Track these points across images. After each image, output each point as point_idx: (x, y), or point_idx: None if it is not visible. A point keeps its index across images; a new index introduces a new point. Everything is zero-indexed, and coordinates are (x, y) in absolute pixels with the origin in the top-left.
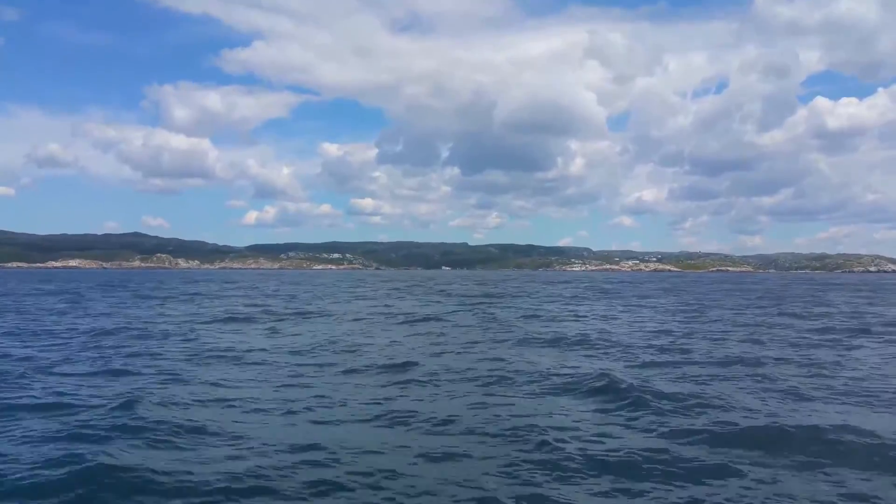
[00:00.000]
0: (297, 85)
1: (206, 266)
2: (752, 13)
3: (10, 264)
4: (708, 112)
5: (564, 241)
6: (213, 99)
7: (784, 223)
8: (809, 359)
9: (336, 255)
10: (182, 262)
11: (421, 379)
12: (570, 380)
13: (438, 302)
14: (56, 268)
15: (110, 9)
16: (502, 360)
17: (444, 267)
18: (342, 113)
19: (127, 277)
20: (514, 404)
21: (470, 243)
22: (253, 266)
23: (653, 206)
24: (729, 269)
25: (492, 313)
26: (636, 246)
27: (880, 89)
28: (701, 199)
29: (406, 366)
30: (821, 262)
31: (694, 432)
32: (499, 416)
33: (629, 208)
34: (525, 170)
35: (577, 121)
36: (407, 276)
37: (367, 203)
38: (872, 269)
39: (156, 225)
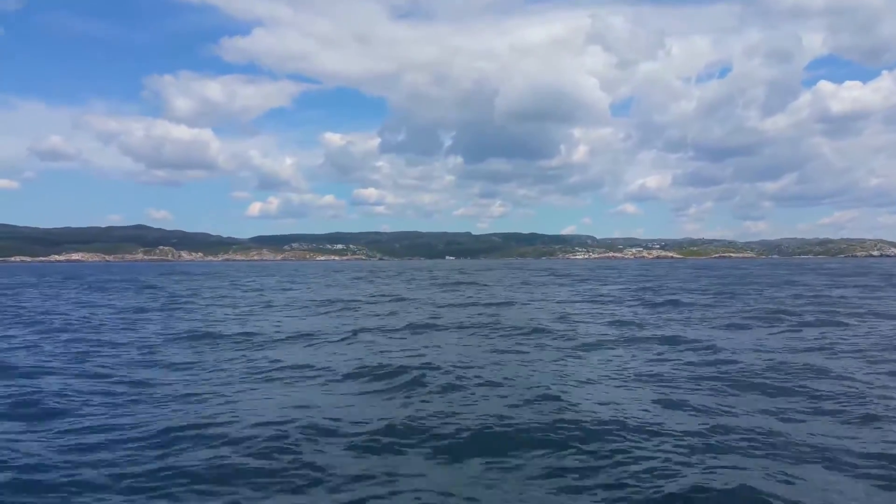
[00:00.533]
0: (298, 73)
1: (210, 258)
2: None
3: (13, 258)
4: (711, 97)
5: (568, 230)
6: (213, 88)
7: (788, 208)
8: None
9: (339, 246)
10: (185, 255)
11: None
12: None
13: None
14: (59, 261)
15: None
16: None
17: (447, 256)
18: (344, 102)
19: (109, 269)
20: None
21: (473, 232)
22: (256, 258)
23: (656, 193)
24: (731, 255)
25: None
26: (640, 233)
27: (884, 72)
28: (705, 186)
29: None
30: (824, 246)
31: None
32: None
33: (633, 195)
34: (528, 158)
35: (579, 107)
36: (398, 265)
37: (371, 193)
38: (875, 253)
39: (160, 217)
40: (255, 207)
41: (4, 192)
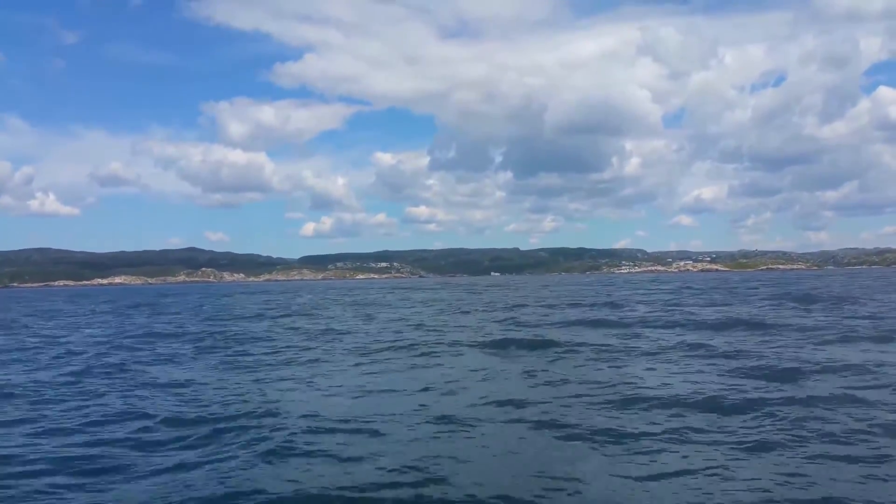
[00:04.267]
0: (349, 96)
1: (252, 279)
2: (808, 1)
3: (56, 283)
4: (767, 106)
5: (623, 243)
6: (267, 113)
7: (849, 217)
8: None
9: (383, 264)
10: (227, 276)
11: None
12: None
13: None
14: (102, 285)
15: (165, 28)
16: None
17: (492, 273)
18: (394, 122)
19: (129, 294)
20: None
21: (523, 248)
22: (297, 278)
23: (712, 204)
24: (780, 267)
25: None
26: (697, 245)
27: None
28: (763, 196)
29: None
30: (880, 257)
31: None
32: None
33: (688, 207)
34: (579, 171)
35: (631, 120)
36: (417, 282)
37: (422, 211)
38: None
39: (216, 239)
40: (309, 227)
41: (67, 218)
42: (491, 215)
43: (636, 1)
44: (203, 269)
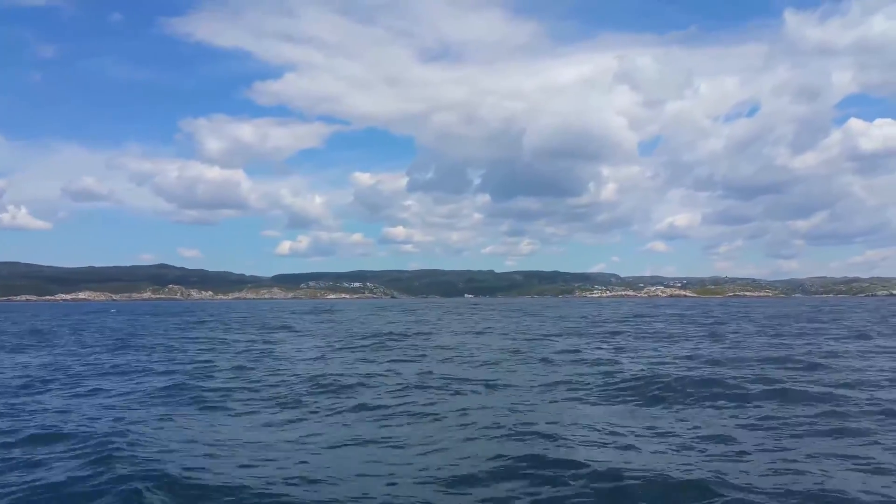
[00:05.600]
0: (329, 115)
1: (220, 297)
2: (782, 35)
3: (19, 297)
4: (740, 135)
5: (598, 268)
6: (246, 130)
7: (819, 247)
8: None
9: (356, 284)
10: (195, 294)
11: None
12: None
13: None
14: (65, 300)
15: (145, 44)
16: None
17: (466, 294)
18: (374, 142)
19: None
20: None
21: (498, 270)
22: (266, 296)
23: (686, 231)
24: (747, 294)
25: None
26: (671, 271)
27: None
28: (735, 224)
29: None
30: (847, 286)
31: None
32: None
33: (662, 233)
34: (556, 196)
35: (607, 146)
36: (386, 304)
37: (399, 231)
38: None
39: (190, 256)
40: (285, 246)
41: (38, 232)
42: (468, 237)
43: (614, 30)
44: (170, 286)
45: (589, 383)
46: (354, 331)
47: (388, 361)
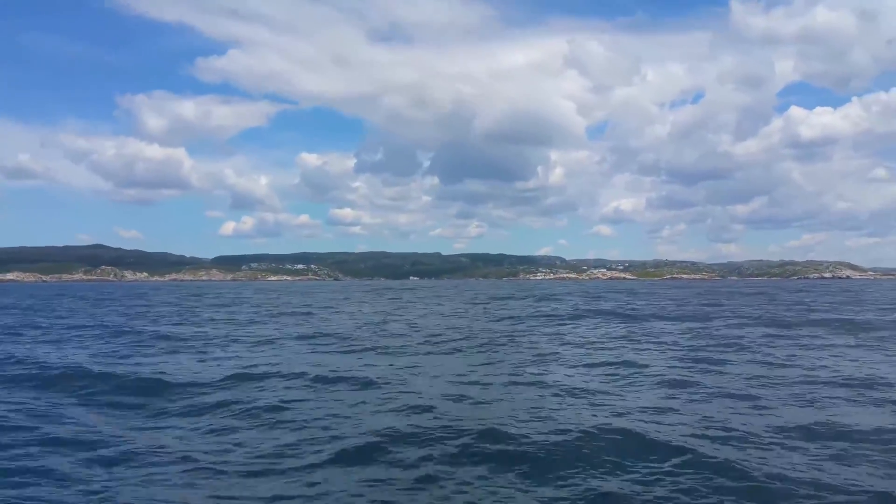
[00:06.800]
0: (275, 94)
1: (156, 278)
2: (728, 23)
3: None
4: (685, 122)
5: (544, 251)
6: (187, 108)
7: (758, 231)
8: None
9: (300, 266)
10: (129, 275)
11: None
12: None
13: None
14: None
15: (82, 17)
16: None
17: (412, 277)
18: (321, 123)
19: None
20: None
21: (445, 253)
22: (205, 278)
23: (631, 216)
24: (684, 276)
25: None
26: (615, 254)
27: (854, 98)
28: (678, 208)
29: None
30: (782, 268)
31: None
32: None
33: (608, 218)
34: (505, 179)
35: (556, 130)
36: (317, 286)
37: (347, 213)
38: (827, 275)
39: (129, 237)
40: (228, 227)
41: None
42: (416, 220)
43: (564, 15)
44: (103, 267)
45: None
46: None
47: None
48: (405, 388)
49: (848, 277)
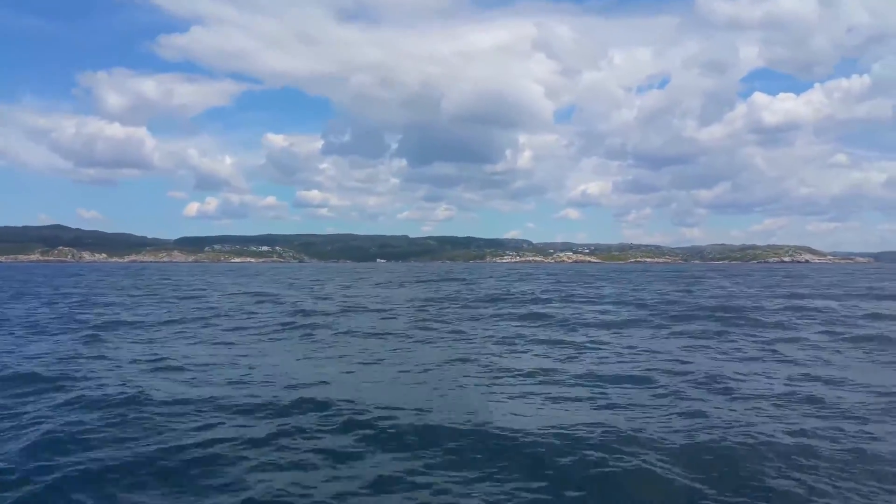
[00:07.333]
0: (240, 73)
1: (115, 260)
2: (694, 8)
3: None
4: (651, 107)
5: (512, 234)
6: (149, 86)
7: (721, 215)
8: None
9: (265, 248)
10: (87, 256)
11: None
12: None
13: None
14: None
15: None
16: None
17: (378, 260)
18: (287, 102)
19: None
20: None
21: (413, 235)
22: (166, 259)
23: (598, 199)
24: (647, 260)
25: None
26: (582, 238)
27: (816, 85)
28: (644, 193)
29: None
30: (742, 252)
31: None
32: None
33: (575, 201)
34: (474, 162)
35: (524, 113)
36: (274, 269)
37: (314, 195)
38: (787, 259)
39: (89, 217)
40: (192, 208)
41: None
42: (384, 202)
43: None
44: (61, 248)
45: None
46: None
47: None
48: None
49: (807, 262)
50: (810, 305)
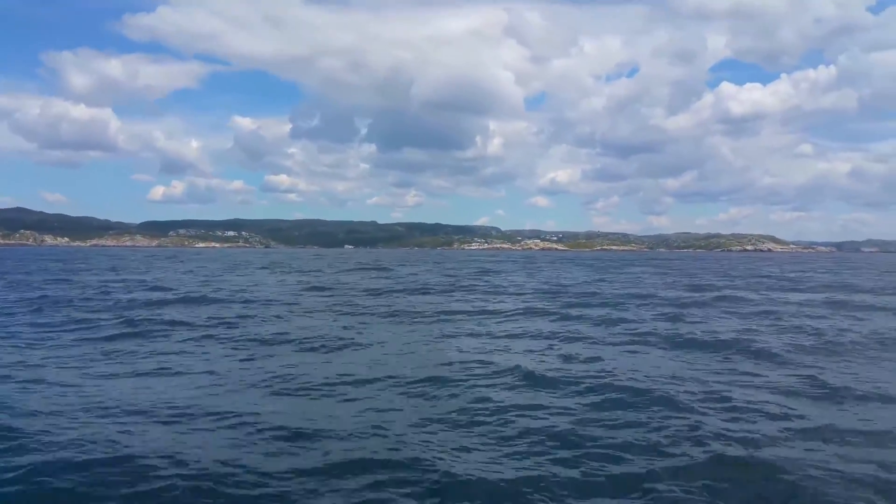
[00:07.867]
0: (207, 54)
1: (77, 243)
2: None
3: None
4: (620, 95)
5: (482, 221)
6: (114, 67)
7: (688, 204)
8: None
9: (231, 233)
10: (49, 240)
11: None
12: None
13: None
14: None
15: None
16: None
17: (346, 246)
18: (255, 85)
19: None
20: None
21: (382, 221)
22: (129, 244)
23: (567, 187)
24: (614, 248)
25: None
26: (551, 225)
27: (783, 75)
28: (612, 181)
29: None
30: (706, 241)
31: None
32: None
33: (545, 189)
34: (444, 148)
35: (495, 100)
36: (242, 254)
37: (283, 180)
38: (749, 248)
39: (53, 200)
40: (158, 191)
41: None
42: (353, 187)
43: None
44: (22, 231)
45: None
46: None
47: None
48: None
49: (769, 250)
50: (686, 297)
